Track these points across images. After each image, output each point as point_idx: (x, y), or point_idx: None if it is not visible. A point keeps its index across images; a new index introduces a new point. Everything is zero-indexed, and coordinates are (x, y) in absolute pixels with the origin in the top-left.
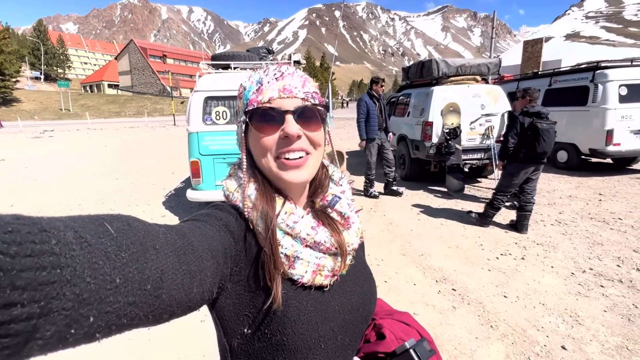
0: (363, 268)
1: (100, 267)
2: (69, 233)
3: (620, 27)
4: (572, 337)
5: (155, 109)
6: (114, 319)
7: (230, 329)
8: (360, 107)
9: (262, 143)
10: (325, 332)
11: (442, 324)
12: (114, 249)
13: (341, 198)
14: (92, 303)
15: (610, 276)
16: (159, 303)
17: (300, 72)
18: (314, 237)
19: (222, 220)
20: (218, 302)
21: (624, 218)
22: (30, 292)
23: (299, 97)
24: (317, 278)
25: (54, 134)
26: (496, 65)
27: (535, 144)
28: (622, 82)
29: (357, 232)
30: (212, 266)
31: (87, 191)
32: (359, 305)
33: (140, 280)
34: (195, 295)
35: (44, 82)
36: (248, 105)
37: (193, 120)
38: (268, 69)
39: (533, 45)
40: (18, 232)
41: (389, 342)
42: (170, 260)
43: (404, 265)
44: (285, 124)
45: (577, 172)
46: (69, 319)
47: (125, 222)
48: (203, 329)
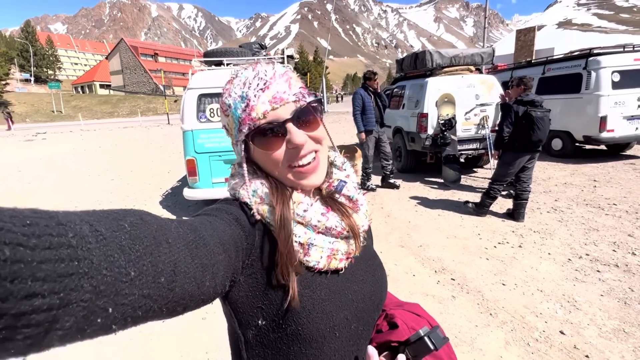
0: (373, 257)
1: (116, 260)
2: (84, 226)
3: (612, 14)
4: (570, 322)
5: (148, 109)
6: (130, 311)
7: (244, 321)
8: (356, 100)
9: (272, 158)
10: (339, 321)
11: (442, 314)
12: (129, 242)
13: (347, 182)
14: (109, 295)
15: (606, 261)
16: (173, 296)
17: (280, 71)
18: (325, 223)
19: (233, 214)
20: (231, 295)
21: (618, 203)
22: (50, 284)
23: (290, 101)
24: (332, 262)
25: (47, 137)
26: (490, 54)
27: (530, 133)
28: (615, 68)
29: (365, 214)
30: (224, 260)
31: (83, 193)
32: (371, 293)
33: (154, 273)
34: (208, 288)
35: (34, 84)
36: (242, 125)
37: (187, 118)
38: (247, 79)
39: (526, 34)
40: (37, 225)
41: (401, 331)
42: (183, 253)
43: (403, 256)
44: (289, 134)
45: (571, 159)
46: (87, 310)
47: (138, 216)
48: (205, 326)
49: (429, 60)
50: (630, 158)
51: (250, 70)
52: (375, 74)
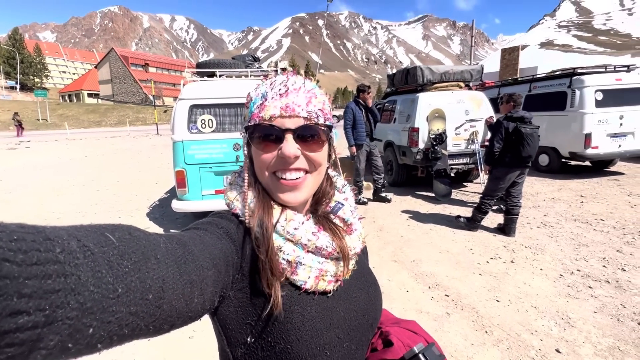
0: (367, 274)
1: (104, 276)
2: (72, 242)
3: (591, 36)
4: (566, 339)
5: (137, 118)
6: (116, 329)
7: (233, 338)
8: (347, 114)
9: (261, 159)
10: (330, 339)
11: (437, 331)
12: (117, 258)
13: (344, 205)
14: (95, 312)
15: (598, 277)
16: (160, 313)
17: (309, 86)
18: (315, 242)
19: (223, 228)
20: (220, 311)
21: (605, 219)
22: (36, 300)
23: (301, 117)
24: (320, 283)
25: (31, 145)
26: (478, 72)
27: (520, 148)
28: (598, 87)
29: (359, 237)
30: (213, 275)
31: (67, 203)
32: (365, 311)
33: (142, 290)
34: (197, 305)
35: (20, 92)
36: (251, 120)
37: (178, 128)
38: (275, 82)
39: (510, 53)
40: (23, 241)
41: (396, 349)
42: (171, 270)
43: (396, 271)
44: (283, 143)
45: (558, 175)
46: (73, 328)
47: (126, 231)
48: (191, 346)
49: (420, 75)
50: (614, 174)
51: (284, 77)
52: (369, 88)
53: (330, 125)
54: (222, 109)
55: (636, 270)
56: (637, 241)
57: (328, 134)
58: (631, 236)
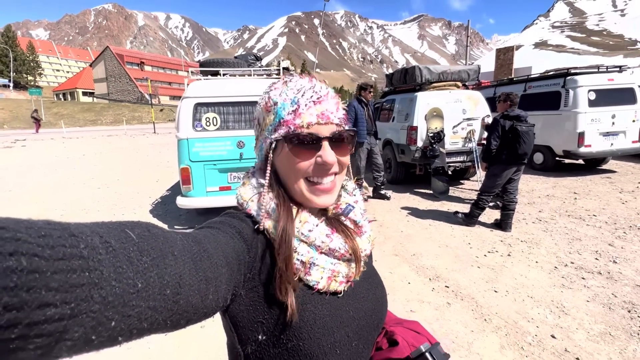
0: (374, 275)
1: (124, 272)
2: (95, 238)
3: (584, 37)
4: (560, 326)
5: (133, 117)
6: (136, 323)
7: (244, 336)
8: (349, 112)
9: (297, 167)
10: (340, 338)
11: (439, 320)
12: (136, 254)
13: (354, 207)
14: (117, 306)
15: (590, 269)
16: (177, 308)
17: (332, 93)
18: (329, 244)
19: (236, 227)
20: (231, 309)
21: (598, 215)
22: (62, 294)
23: (334, 123)
24: (332, 284)
25: (27, 144)
26: (475, 71)
27: (516, 146)
28: (591, 87)
29: (368, 239)
30: (227, 273)
31: (68, 201)
32: (372, 311)
33: (160, 285)
34: (211, 301)
35: (13, 90)
36: (282, 125)
37: (183, 126)
38: (303, 88)
39: (505, 53)
40: (50, 237)
41: (401, 349)
42: (188, 266)
43: (397, 265)
44: (322, 151)
45: (552, 172)
46: (96, 321)
47: (145, 228)
48: (204, 335)
49: (418, 75)
50: (606, 172)
51: (305, 81)
52: (371, 87)
53: (355, 130)
54: (226, 107)
55: (627, 262)
56: (627, 235)
57: (354, 138)
58: (622, 231)
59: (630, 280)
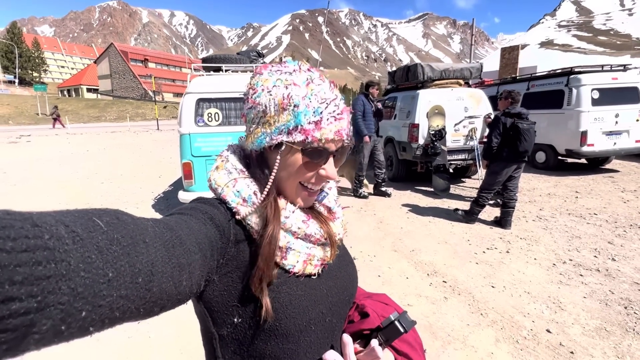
0: (345, 254)
1: (93, 261)
2: (60, 227)
3: (591, 36)
4: (556, 321)
5: (137, 114)
6: (107, 313)
7: (219, 319)
8: (357, 105)
9: (301, 175)
10: (315, 315)
11: (436, 314)
12: (106, 242)
13: (328, 194)
14: (87, 297)
15: (589, 266)
16: (150, 296)
17: (347, 108)
18: (305, 230)
19: (208, 213)
20: (205, 294)
21: (598, 213)
22: (28, 287)
23: (344, 140)
24: (307, 267)
25: (32, 139)
26: (478, 69)
27: (517, 143)
28: (594, 86)
29: (341, 224)
30: (200, 259)
31: (72, 195)
32: (344, 288)
33: (131, 274)
34: (185, 288)
35: (19, 86)
36: (299, 132)
37: (185, 121)
38: (326, 99)
39: (510, 52)
40: (12, 228)
41: (372, 319)
42: (160, 253)
43: (396, 260)
44: (327, 165)
45: (554, 171)
46: (65, 313)
47: (114, 215)
48: None
49: (421, 73)
50: (608, 172)
51: (328, 86)
52: (377, 84)
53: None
54: (228, 102)
55: (625, 260)
56: (627, 234)
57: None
58: (622, 229)
59: (628, 278)
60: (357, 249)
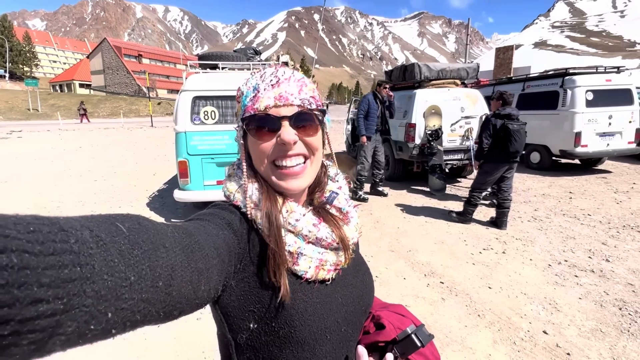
0: (361, 263)
1: (116, 265)
2: (85, 232)
3: (583, 37)
4: (552, 322)
5: (130, 110)
6: (129, 315)
7: (235, 325)
8: (362, 104)
9: (260, 149)
10: (330, 324)
11: (433, 315)
12: (128, 247)
13: (338, 194)
14: (109, 300)
15: (583, 267)
16: (170, 300)
17: (298, 76)
18: (316, 233)
19: (225, 219)
20: (222, 299)
21: (592, 214)
22: (55, 289)
23: (295, 105)
24: (320, 273)
25: (23, 135)
26: (474, 70)
27: (508, 144)
28: (588, 87)
29: (356, 227)
30: (218, 264)
31: (65, 193)
32: (360, 297)
33: (152, 278)
34: (203, 292)
35: (9, 81)
36: (245, 112)
37: (181, 119)
38: (264, 74)
39: (504, 52)
40: (40, 232)
41: (388, 332)
42: (179, 258)
43: (393, 260)
44: (281, 130)
45: (548, 172)
46: (89, 315)
47: (135, 221)
48: (200, 326)
49: (418, 72)
50: (602, 172)
51: (272, 69)
52: (387, 83)
53: (323, 110)
54: (224, 100)
55: (619, 261)
56: (621, 234)
57: (322, 118)
58: (616, 230)
59: (622, 279)
60: None
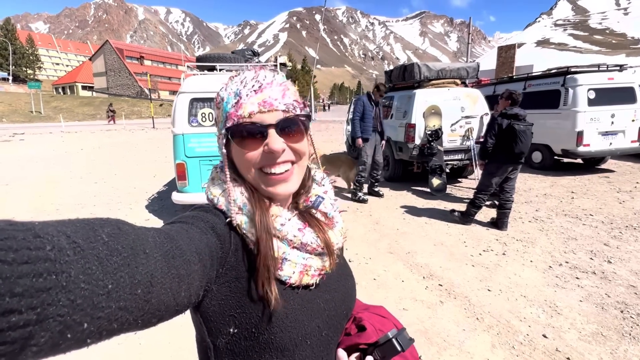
0: (344, 266)
1: (93, 272)
2: (62, 238)
3: (586, 35)
4: (552, 326)
5: (132, 112)
6: (105, 324)
7: (215, 329)
8: (357, 106)
9: (246, 158)
10: (311, 329)
11: (431, 318)
12: (106, 253)
13: (324, 198)
14: (85, 309)
15: (585, 268)
16: (149, 307)
17: (280, 80)
18: (300, 238)
19: (209, 222)
20: (202, 304)
21: (594, 214)
22: (28, 299)
23: (279, 110)
24: (304, 278)
25: (25, 137)
26: (474, 69)
27: (513, 145)
28: (590, 86)
29: (341, 232)
30: (199, 269)
31: (65, 195)
32: (342, 301)
33: (131, 285)
34: (183, 298)
35: (12, 84)
36: (228, 120)
37: (178, 121)
38: (245, 78)
39: (507, 51)
40: (14, 239)
41: (369, 334)
42: (160, 264)
43: (391, 262)
44: (268, 138)
45: (550, 171)
46: (63, 325)
47: (115, 226)
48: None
49: (417, 72)
50: (604, 172)
51: (252, 72)
52: (384, 85)
53: (308, 114)
54: None
55: (621, 262)
56: (623, 235)
57: (308, 123)
58: (618, 230)
59: (624, 281)
60: (353, 251)
